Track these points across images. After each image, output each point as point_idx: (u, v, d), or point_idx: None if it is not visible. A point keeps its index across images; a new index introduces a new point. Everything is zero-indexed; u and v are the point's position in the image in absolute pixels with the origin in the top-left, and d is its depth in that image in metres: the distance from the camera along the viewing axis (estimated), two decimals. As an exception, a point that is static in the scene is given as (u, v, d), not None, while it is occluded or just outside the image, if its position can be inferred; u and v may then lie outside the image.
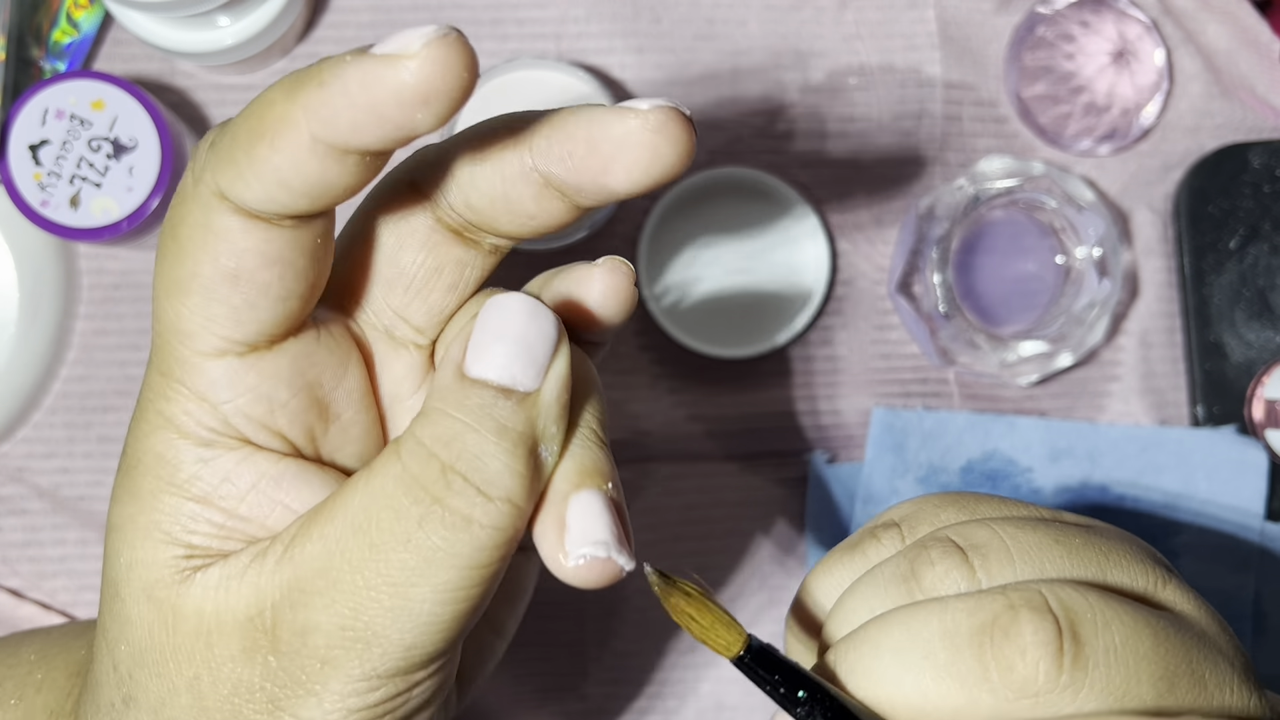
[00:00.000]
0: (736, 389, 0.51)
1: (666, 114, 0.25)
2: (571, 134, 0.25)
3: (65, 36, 0.49)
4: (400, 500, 0.24)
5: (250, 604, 0.25)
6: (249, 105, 0.24)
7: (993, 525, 0.25)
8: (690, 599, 0.25)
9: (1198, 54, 0.52)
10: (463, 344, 0.25)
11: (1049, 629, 0.22)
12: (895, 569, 0.25)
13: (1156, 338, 0.52)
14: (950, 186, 0.48)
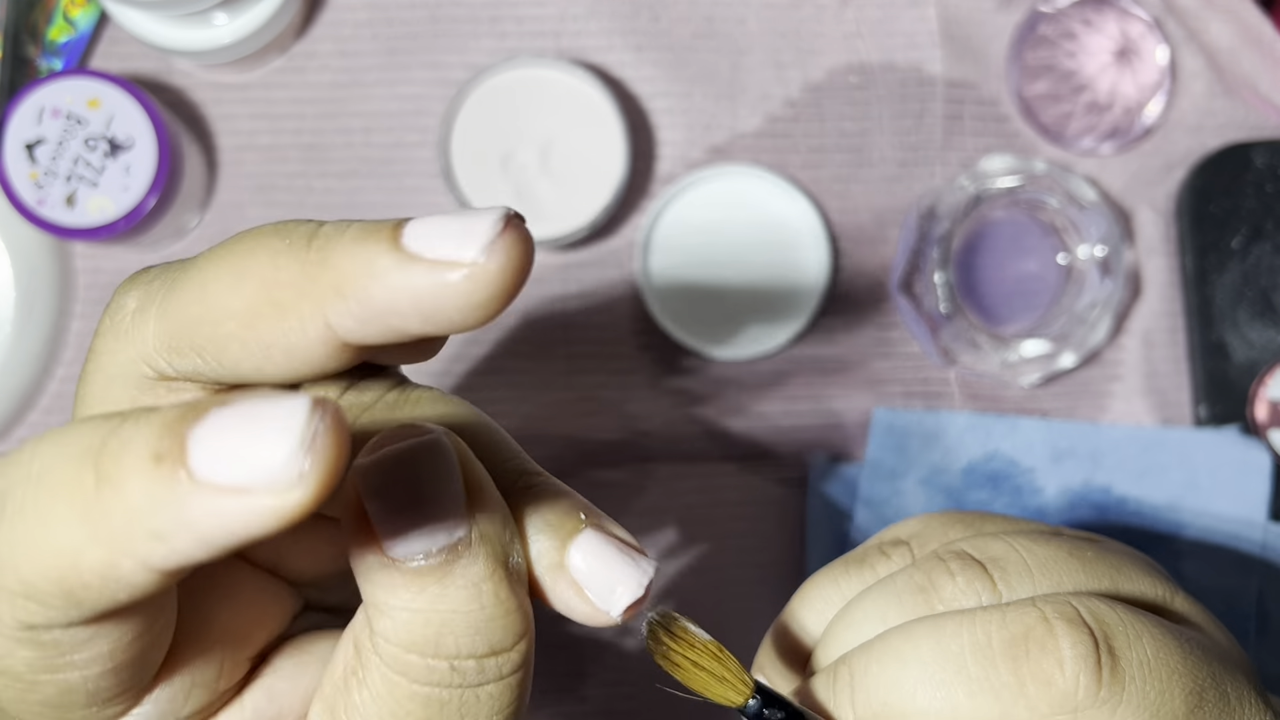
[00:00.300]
0: (737, 389, 0.51)
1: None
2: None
3: (61, 34, 0.48)
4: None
5: None
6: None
7: (1006, 539, 0.25)
8: (691, 648, 0.24)
9: (1200, 52, 0.52)
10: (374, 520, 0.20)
11: (1086, 641, 0.22)
12: (911, 580, 0.25)
13: (1159, 338, 0.52)
14: (952, 185, 0.48)
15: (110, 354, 0.21)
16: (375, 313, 0.19)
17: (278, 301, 0.20)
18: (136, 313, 0.21)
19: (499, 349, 0.50)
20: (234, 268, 0.20)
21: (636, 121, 0.50)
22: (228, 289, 0.20)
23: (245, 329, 0.20)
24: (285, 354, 0.20)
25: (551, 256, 0.51)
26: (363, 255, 0.19)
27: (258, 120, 0.50)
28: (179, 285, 0.21)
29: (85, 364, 0.22)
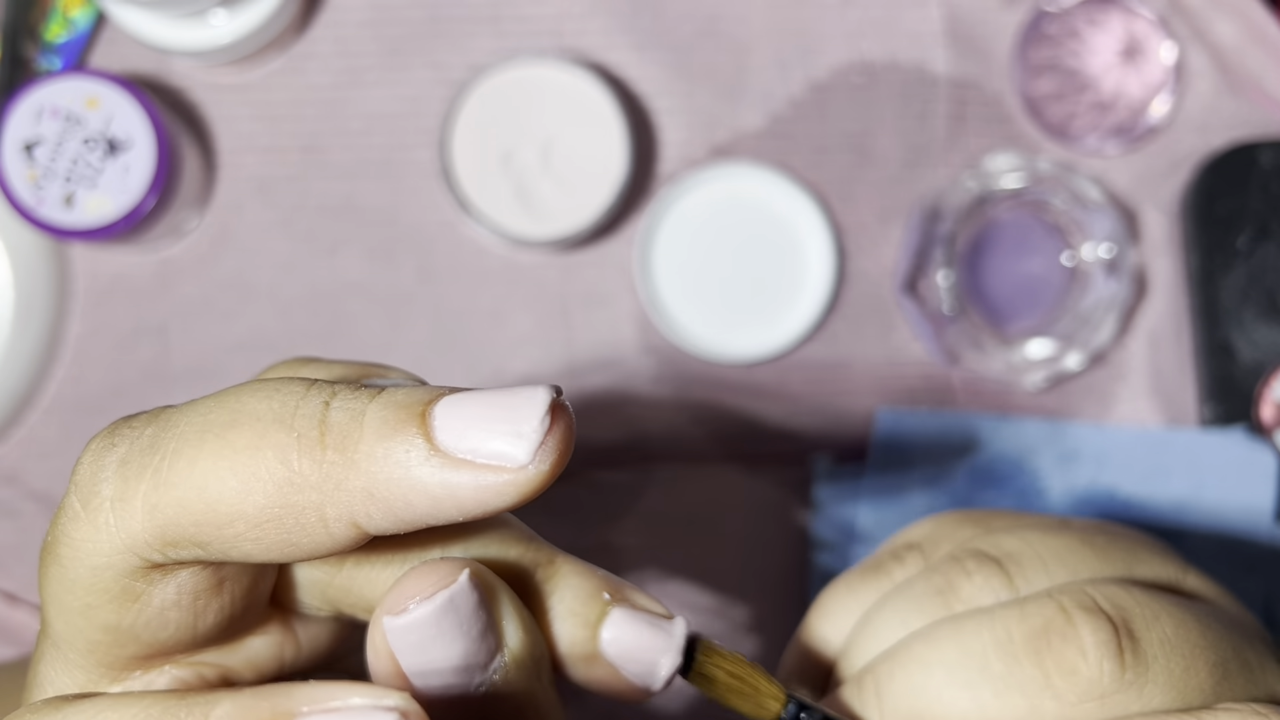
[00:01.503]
0: (739, 390, 0.51)
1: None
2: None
3: (59, 34, 0.48)
4: None
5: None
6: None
7: (1019, 534, 0.25)
8: (721, 669, 0.23)
9: (1206, 51, 0.52)
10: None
11: (1106, 628, 0.22)
12: (929, 583, 0.24)
13: (1164, 338, 0.52)
14: (956, 185, 0.48)
15: (90, 543, 0.20)
16: (413, 517, 0.19)
17: (296, 508, 0.19)
18: (117, 502, 0.19)
19: (499, 350, 0.50)
20: (236, 469, 0.19)
21: (638, 121, 0.50)
22: (234, 494, 0.19)
23: (257, 531, 0.19)
24: (306, 550, 0.19)
25: (552, 256, 0.50)
26: (393, 459, 0.18)
27: (257, 120, 0.50)
28: (168, 480, 0.19)
29: (53, 549, 0.20)
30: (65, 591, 0.20)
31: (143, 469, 0.19)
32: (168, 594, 0.20)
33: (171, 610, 0.20)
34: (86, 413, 0.49)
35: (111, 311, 0.49)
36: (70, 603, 0.20)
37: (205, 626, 0.21)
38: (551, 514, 0.50)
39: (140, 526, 0.19)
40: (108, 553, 0.20)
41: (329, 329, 0.49)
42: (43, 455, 0.49)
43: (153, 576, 0.20)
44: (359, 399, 0.19)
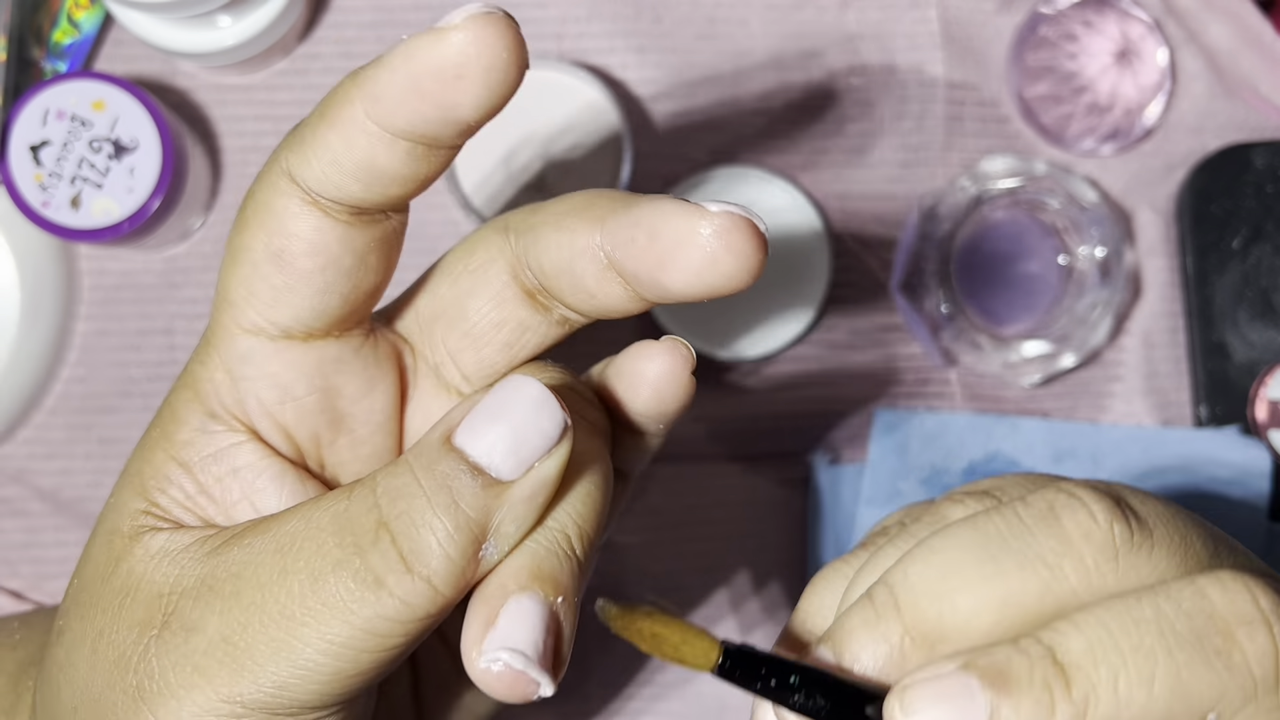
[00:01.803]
0: (738, 390, 0.51)
1: (733, 221, 0.24)
2: (638, 221, 0.25)
3: (66, 37, 0.49)
4: (327, 536, 0.23)
5: (167, 582, 0.25)
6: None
7: (994, 479, 0.26)
8: (652, 620, 0.23)
9: (1200, 54, 0.52)
10: (466, 409, 0.24)
11: (1107, 499, 0.23)
12: (921, 522, 0.24)
13: (1159, 338, 0.52)
14: (953, 186, 0.48)
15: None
16: (391, 80, 0.23)
17: (342, 94, 0.24)
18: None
19: (502, 350, 0.50)
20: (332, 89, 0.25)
21: (638, 123, 0.51)
22: (323, 100, 0.25)
23: (314, 127, 0.25)
24: (345, 144, 0.24)
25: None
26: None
27: (262, 122, 0.50)
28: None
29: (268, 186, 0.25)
30: (237, 235, 0.25)
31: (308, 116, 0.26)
32: (360, 239, 0.25)
33: (306, 257, 0.25)
34: (93, 413, 0.49)
35: (118, 312, 0.50)
36: (237, 246, 0.25)
37: (365, 288, 0.26)
38: (553, 512, 0.50)
39: (289, 153, 0.25)
40: (265, 187, 0.25)
41: (333, 329, 0.50)
42: (49, 455, 0.49)
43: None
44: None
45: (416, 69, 0.22)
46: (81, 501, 0.49)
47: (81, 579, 0.26)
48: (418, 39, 0.23)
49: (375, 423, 0.28)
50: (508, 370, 0.28)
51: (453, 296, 0.27)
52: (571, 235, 0.26)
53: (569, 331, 0.28)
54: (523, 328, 0.28)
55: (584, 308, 0.27)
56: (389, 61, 0.23)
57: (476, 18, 0.22)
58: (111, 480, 0.49)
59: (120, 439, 0.49)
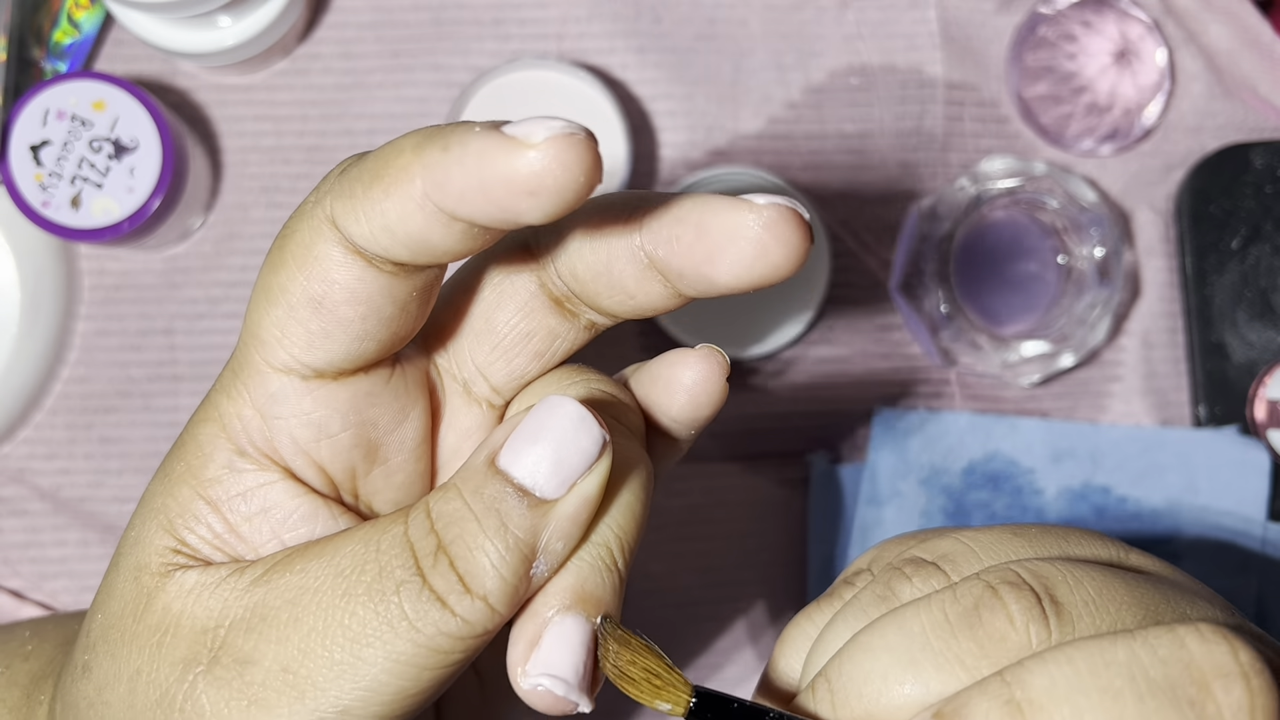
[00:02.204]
0: (739, 390, 0.51)
1: (781, 212, 0.24)
2: (682, 218, 0.25)
3: (66, 37, 0.49)
4: (390, 560, 0.24)
5: (211, 616, 0.25)
6: (384, 145, 0.24)
7: (953, 535, 0.26)
8: (635, 656, 0.25)
9: (1199, 54, 0.52)
10: (507, 432, 0.25)
11: (1028, 597, 0.23)
12: (871, 593, 0.26)
13: (1158, 338, 0.52)
14: (952, 187, 0.48)
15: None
16: (460, 174, 0.23)
17: (403, 165, 0.24)
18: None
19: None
20: (386, 146, 0.25)
21: (638, 123, 0.51)
22: (375, 155, 0.25)
23: (368, 187, 0.24)
24: (400, 215, 0.24)
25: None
26: (468, 126, 0.23)
27: (262, 122, 0.50)
28: (363, 158, 0.25)
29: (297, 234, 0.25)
30: (272, 273, 0.25)
31: (355, 163, 0.25)
32: (403, 288, 0.25)
33: (347, 305, 0.25)
34: (93, 413, 0.49)
35: (118, 311, 0.50)
36: (273, 285, 0.25)
37: (403, 333, 0.26)
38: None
39: (335, 201, 0.24)
40: (307, 229, 0.25)
41: (333, 329, 0.50)
42: (49, 455, 0.49)
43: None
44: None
45: (488, 175, 0.22)
46: (82, 501, 0.49)
47: (107, 616, 0.26)
48: (493, 141, 0.22)
49: (409, 449, 0.28)
50: (540, 377, 0.28)
51: (479, 311, 0.28)
52: (607, 239, 0.26)
53: (595, 335, 0.28)
54: (552, 336, 0.28)
55: (620, 309, 0.27)
56: (459, 153, 0.22)
57: (558, 139, 0.22)
58: (112, 479, 0.49)
59: (120, 438, 0.49)
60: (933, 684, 0.23)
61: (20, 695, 0.31)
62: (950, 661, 0.23)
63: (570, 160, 0.22)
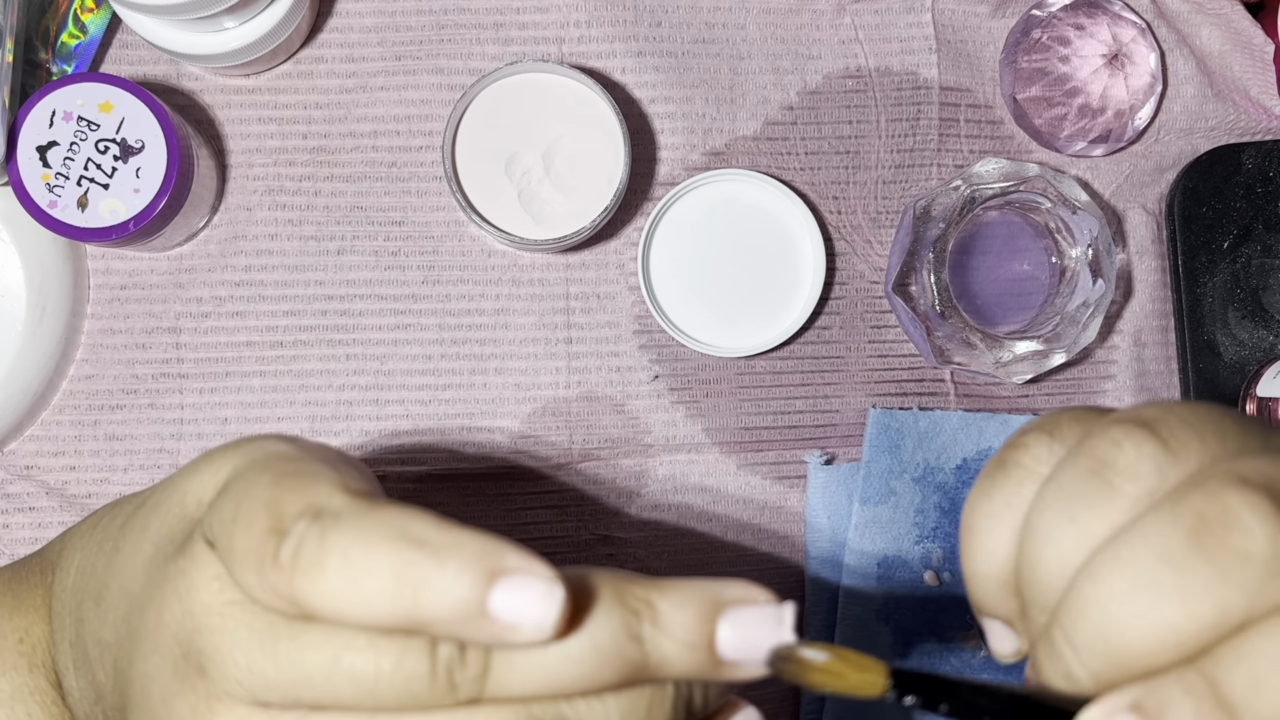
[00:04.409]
0: (735, 387, 0.52)
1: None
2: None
3: (72, 39, 0.49)
4: None
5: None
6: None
7: (1147, 407, 0.24)
8: (818, 670, 0.24)
9: (1191, 57, 0.53)
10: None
11: (1263, 501, 0.21)
12: (1078, 467, 0.24)
13: (1150, 337, 0.53)
14: (946, 188, 0.49)
15: None
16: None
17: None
18: None
19: (502, 349, 0.51)
20: None
21: (637, 126, 0.51)
22: None
23: None
24: None
25: (554, 257, 0.51)
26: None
27: (266, 124, 0.51)
28: None
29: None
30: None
31: None
32: None
33: None
34: (99, 410, 0.50)
35: (124, 311, 0.50)
36: None
37: None
38: (554, 507, 0.51)
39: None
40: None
41: (338, 328, 0.51)
42: (56, 452, 0.50)
43: None
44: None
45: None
46: (88, 498, 0.50)
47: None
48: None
49: None
50: None
51: None
52: None
53: None
54: None
55: None
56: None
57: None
58: (118, 476, 0.50)
59: (127, 436, 0.50)
60: (1180, 623, 0.22)
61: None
62: (1191, 596, 0.21)
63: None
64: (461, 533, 0.23)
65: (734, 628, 0.25)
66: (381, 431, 0.51)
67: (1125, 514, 0.23)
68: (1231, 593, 0.21)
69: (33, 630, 0.32)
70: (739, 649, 0.25)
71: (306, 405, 0.50)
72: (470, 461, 0.51)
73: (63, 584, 0.31)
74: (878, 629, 0.51)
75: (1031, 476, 0.25)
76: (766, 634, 0.24)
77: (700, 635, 0.24)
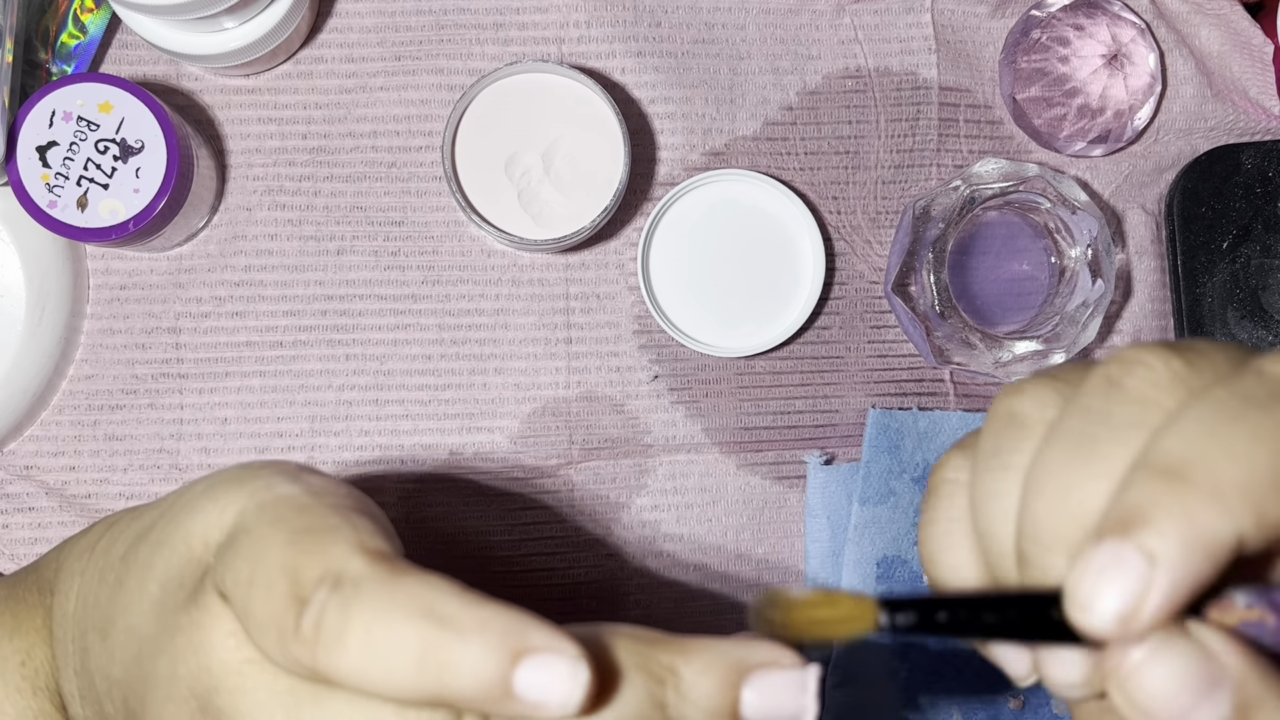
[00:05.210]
0: (735, 387, 0.52)
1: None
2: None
3: (72, 39, 0.49)
4: None
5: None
6: None
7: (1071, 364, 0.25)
8: (805, 608, 0.24)
9: (1190, 57, 0.53)
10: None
11: (1159, 346, 0.23)
12: (990, 429, 0.25)
13: (1149, 337, 0.53)
14: (946, 188, 0.49)
15: None
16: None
17: None
18: None
19: (502, 349, 0.51)
20: None
21: (637, 126, 0.51)
22: None
23: None
24: None
25: (554, 257, 0.51)
26: None
27: (266, 124, 0.51)
28: None
29: None
30: None
31: None
32: None
33: None
34: (99, 410, 0.50)
35: (124, 310, 0.50)
36: None
37: None
38: (554, 507, 0.51)
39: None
40: None
41: (337, 328, 0.51)
42: (56, 452, 0.50)
43: None
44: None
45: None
46: (88, 498, 0.50)
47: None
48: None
49: None
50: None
51: None
52: None
53: None
54: None
55: None
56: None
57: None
58: (118, 476, 0.50)
59: (126, 436, 0.50)
60: (1118, 459, 0.22)
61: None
62: (1122, 431, 0.22)
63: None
64: (486, 609, 0.23)
65: (758, 693, 0.25)
66: (381, 431, 0.51)
67: (1042, 435, 0.24)
68: (1153, 414, 0.22)
69: (35, 653, 0.32)
70: (763, 713, 0.25)
71: (306, 405, 0.50)
72: (470, 462, 0.51)
73: (63, 609, 0.31)
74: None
75: (958, 485, 0.26)
76: (791, 700, 0.25)
77: (725, 702, 0.25)
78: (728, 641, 0.25)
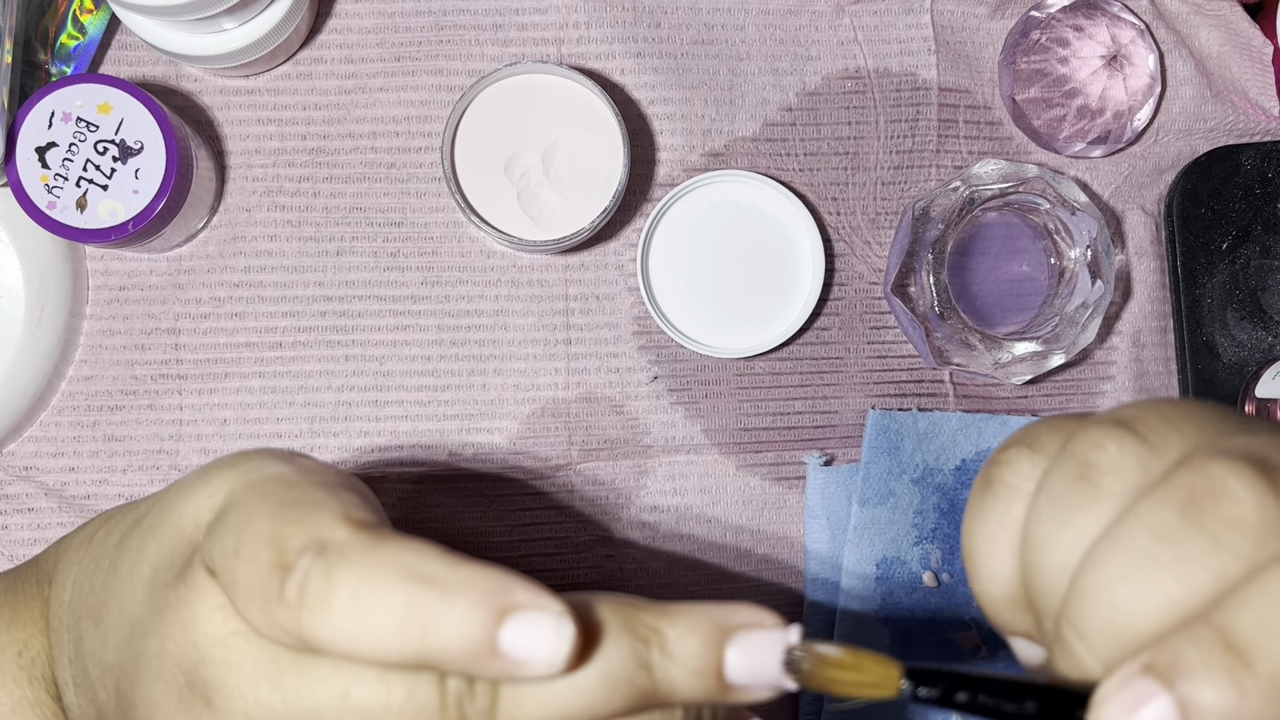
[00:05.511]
0: (734, 388, 0.52)
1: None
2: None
3: (72, 40, 0.49)
4: None
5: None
6: None
7: (1124, 408, 0.25)
8: (833, 665, 0.25)
9: (1190, 58, 0.53)
10: None
11: (1248, 470, 0.22)
12: (1065, 472, 0.24)
13: (1148, 338, 0.53)
14: (945, 189, 0.49)
15: None
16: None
17: None
18: None
19: (501, 349, 0.51)
20: None
21: (636, 127, 0.51)
22: None
23: None
24: None
25: (553, 258, 0.51)
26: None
27: (265, 125, 0.51)
28: None
29: None
30: None
31: None
32: None
33: None
34: (98, 411, 0.50)
35: (123, 311, 0.50)
36: None
37: None
38: (553, 508, 0.51)
39: None
40: None
41: (337, 329, 0.51)
42: (55, 453, 0.50)
43: None
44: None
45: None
46: (87, 499, 0.50)
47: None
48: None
49: None
50: None
51: None
52: None
53: None
54: None
55: None
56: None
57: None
58: (117, 477, 0.50)
59: (126, 436, 0.50)
60: (1182, 597, 0.22)
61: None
62: (1189, 568, 0.22)
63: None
64: (470, 568, 0.23)
65: (741, 653, 0.25)
66: (380, 432, 0.51)
67: (1115, 511, 0.23)
68: (1227, 560, 0.21)
69: (31, 643, 0.32)
70: (747, 673, 0.25)
71: (305, 406, 0.50)
72: (469, 462, 0.51)
73: (59, 599, 0.31)
74: (877, 630, 0.51)
75: (1018, 493, 0.26)
76: (774, 658, 0.25)
77: (708, 661, 0.25)
78: (711, 604, 0.25)
